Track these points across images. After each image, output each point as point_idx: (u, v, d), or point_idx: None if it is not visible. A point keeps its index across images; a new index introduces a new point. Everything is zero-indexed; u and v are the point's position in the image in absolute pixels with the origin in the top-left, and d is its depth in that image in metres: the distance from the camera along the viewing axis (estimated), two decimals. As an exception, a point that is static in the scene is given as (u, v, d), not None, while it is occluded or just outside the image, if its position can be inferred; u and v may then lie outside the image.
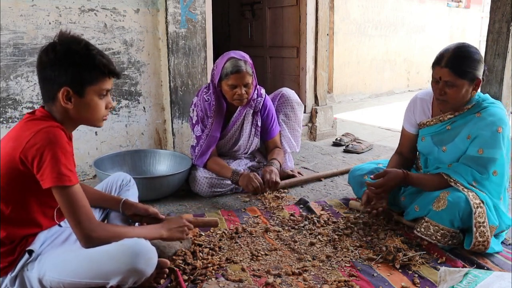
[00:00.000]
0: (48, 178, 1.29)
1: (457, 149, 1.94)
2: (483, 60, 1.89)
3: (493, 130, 1.84)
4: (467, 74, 1.83)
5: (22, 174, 1.33)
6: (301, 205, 2.41)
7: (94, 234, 1.36)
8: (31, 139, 1.30)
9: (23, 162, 1.31)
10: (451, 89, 1.86)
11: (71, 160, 1.35)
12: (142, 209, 1.75)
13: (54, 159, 1.29)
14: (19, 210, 1.38)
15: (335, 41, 6.26)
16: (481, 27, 9.37)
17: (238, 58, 2.42)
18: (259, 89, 2.65)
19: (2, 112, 2.45)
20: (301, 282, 1.62)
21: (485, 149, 1.85)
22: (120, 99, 2.88)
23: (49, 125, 1.34)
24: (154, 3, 2.92)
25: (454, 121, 1.97)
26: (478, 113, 1.90)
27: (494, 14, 2.59)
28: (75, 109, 1.39)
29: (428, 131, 2.07)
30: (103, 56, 1.40)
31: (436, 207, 1.86)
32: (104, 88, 1.42)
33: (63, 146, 1.32)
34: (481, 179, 1.86)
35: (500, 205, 1.89)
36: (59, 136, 1.32)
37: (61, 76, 1.34)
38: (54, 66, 1.35)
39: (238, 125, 2.64)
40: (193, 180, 2.55)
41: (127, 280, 1.35)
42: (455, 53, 1.86)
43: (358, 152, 3.58)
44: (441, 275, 1.54)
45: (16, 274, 1.39)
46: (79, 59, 1.35)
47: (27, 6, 2.45)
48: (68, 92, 1.36)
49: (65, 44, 1.36)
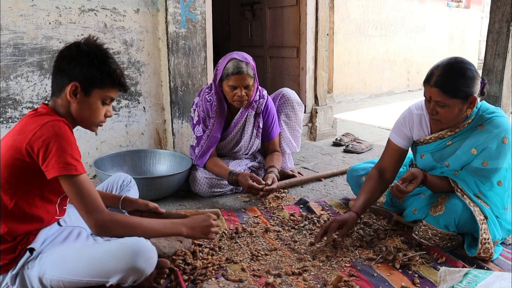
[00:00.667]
0: (54, 168, 1.31)
1: (460, 161, 1.88)
2: (478, 76, 1.77)
3: (499, 142, 1.78)
4: (458, 93, 1.73)
5: (28, 166, 1.35)
6: (301, 205, 2.41)
7: (105, 222, 1.37)
8: (37, 131, 1.33)
9: (29, 154, 1.33)
10: (442, 109, 1.76)
11: (77, 151, 1.38)
12: (142, 204, 1.76)
13: (60, 150, 1.32)
14: (22, 203, 1.39)
15: (335, 41, 6.26)
16: (481, 27, 9.37)
17: (240, 60, 2.41)
18: (261, 91, 2.64)
19: (2, 112, 2.45)
20: (301, 282, 1.62)
21: (489, 161, 1.80)
22: (120, 99, 2.88)
23: (55, 118, 1.38)
24: (154, 3, 2.92)
25: (455, 136, 1.88)
26: (480, 125, 1.82)
27: (494, 14, 2.59)
28: (78, 106, 1.44)
29: (428, 148, 1.97)
30: (118, 67, 1.48)
31: (433, 211, 1.86)
32: (109, 95, 1.48)
33: (68, 138, 1.35)
34: (485, 191, 1.83)
35: (505, 215, 1.87)
36: (64, 129, 1.36)
37: (75, 71, 1.40)
38: (72, 61, 1.41)
39: (240, 127, 2.64)
40: (193, 180, 2.55)
41: (127, 278, 1.36)
42: (445, 71, 1.75)
43: (358, 152, 3.59)
44: (441, 275, 1.54)
45: (17, 272, 1.39)
46: (97, 62, 1.42)
47: (27, 6, 2.45)
48: (76, 88, 1.41)
49: (89, 45, 1.44)
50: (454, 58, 1.80)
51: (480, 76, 1.81)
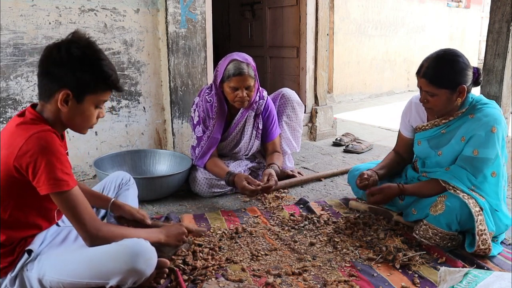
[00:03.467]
0: (45, 185, 1.27)
1: (453, 151, 1.93)
2: (468, 66, 1.85)
3: (487, 130, 1.82)
4: (445, 84, 1.83)
5: (18, 181, 1.31)
6: (301, 205, 2.41)
7: (99, 234, 1.36)
8: (23, 145, 1.27)
9: (17, 170, 1.29)
10: (432, 98, 1.87)
11: (67, 163, 1.33)
12: (128, 213, 1.71)
13: (48, 165, 1.26)
14: (17, 214, 1.37)
15: (335, 41, 6.26)
16: (481, 27, 9.38)
17: (241, 61, 2.41)
18: (261, 92, 2.64)
19: (2, 112, 2.45)
20: (301, 282, 1.62)
21: (479, 150, 1.83)
22: (120, 99, 2.88)
23: (40, 129, 1.30)
24: (154, 3, 2.92)
25: (449, 125, 1.96)
26: (471, 114, 1.88)
27: (494, 14, 2.58)
28: (69, 113, 1.37)
29: (424, 135, 2.06)
30: (113, 70, 1.39)
31: (433, 211, 1.87)
32: (103, 99, 1.42)
33: (56, 151, 1.29)
34: (478, 183, 1.85)
35: (501, 206, 1.88)
36: (51, 141, 1.29)
37: (67, 78, 1.32)
38: (63, 66, 1.32)
39: (240, 128, 2.63)
40: (193, 181, 2.55)
41: (127, 280, 1.35)
42: (433, 62, 1.86)
43: (358, 152, 3.58)
44: (441, 275, 1.54)
45: (16, 274, 1.38)
46: (90, 68, 1.33)
47: (27, 6, 2.45)
48: (68, 95, 1.33)
49: (80, 48, 1.33)
50: (444, 50, 1.90)
51: (471, 66, 1.87)
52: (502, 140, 1.87)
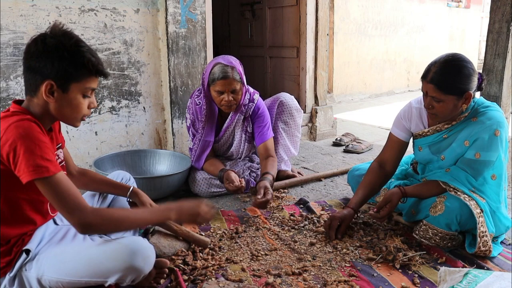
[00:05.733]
0: (25, 172, 1.24)
1: (455, 154, 1.91)
2: (474, 72, 1.81)
3: (490, 134, 1.81)
4: (453, 90, 1.78)
5: (4, 172, 1.29)
6: (301, 205, 2.41)
7: (88, 220, 1.30)
8: (2, 136, 1.25)
9: (1, 162, 1.27)
10: (438, 104, 1.82)
11: (47, 149, 1.29)
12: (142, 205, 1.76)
13: (28, 152, 1.24)
14: (10, 208, 1.36)
15: (335, 41, 6.26)
16: (481, 27, 9.38)
17: (225, 64, 2.36)
18: (252, 94, 2.58)
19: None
20: (301, 282, 1.62)
21: (482, 153, 1.82)
22: (120, 99, 2.88)
23: (18, 118, 1.28)
24: (154, 3, 2.92)
25: (451, 129, 1.93)
26: (474, 117, 1.86)
27: (494, 14, 2.58)
28: (57, 104, 1.35)
29: (425, 141, 2.02)
30: (92, 54, 1.36)
31: (433, 212, 1.87)
32: (89, 87, 1.39)
33: (35, 137, 1.26)
34: (478, 185, 1.85)
35: (501, 209, 1.88)
36: (29, 128, 1.27)
37: (47, 68, 1.31)
38: (41, 58, 1.31)
39: (231, 131, 2.61)
40: (193, 181, 2.55)
41: (125, 278, 1.36)
42: (441, 67, 1.79)
43: (358, 152, 3.59)
44: (441, 275, 1.54)
45: (15, 274, 1.38)
46: (68, 55, 1.32)
47: (27, 6, 2.45)
48: (51, 86, 1.32)
49: (56, 37, 1.33)
50: (452, 55, 1.84)
51: (477, 72, 1.84)
52: (506, 142, 1.86)
